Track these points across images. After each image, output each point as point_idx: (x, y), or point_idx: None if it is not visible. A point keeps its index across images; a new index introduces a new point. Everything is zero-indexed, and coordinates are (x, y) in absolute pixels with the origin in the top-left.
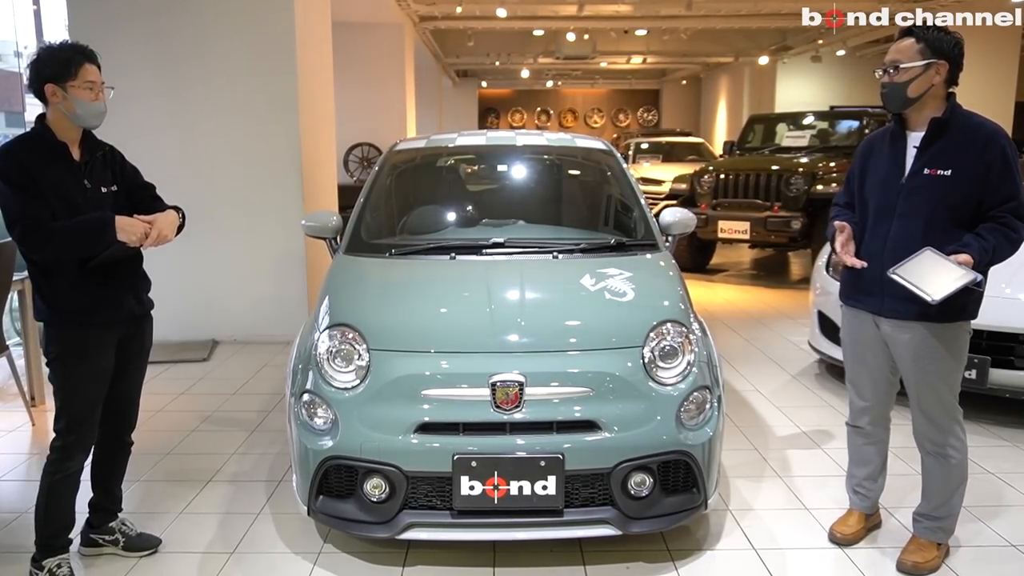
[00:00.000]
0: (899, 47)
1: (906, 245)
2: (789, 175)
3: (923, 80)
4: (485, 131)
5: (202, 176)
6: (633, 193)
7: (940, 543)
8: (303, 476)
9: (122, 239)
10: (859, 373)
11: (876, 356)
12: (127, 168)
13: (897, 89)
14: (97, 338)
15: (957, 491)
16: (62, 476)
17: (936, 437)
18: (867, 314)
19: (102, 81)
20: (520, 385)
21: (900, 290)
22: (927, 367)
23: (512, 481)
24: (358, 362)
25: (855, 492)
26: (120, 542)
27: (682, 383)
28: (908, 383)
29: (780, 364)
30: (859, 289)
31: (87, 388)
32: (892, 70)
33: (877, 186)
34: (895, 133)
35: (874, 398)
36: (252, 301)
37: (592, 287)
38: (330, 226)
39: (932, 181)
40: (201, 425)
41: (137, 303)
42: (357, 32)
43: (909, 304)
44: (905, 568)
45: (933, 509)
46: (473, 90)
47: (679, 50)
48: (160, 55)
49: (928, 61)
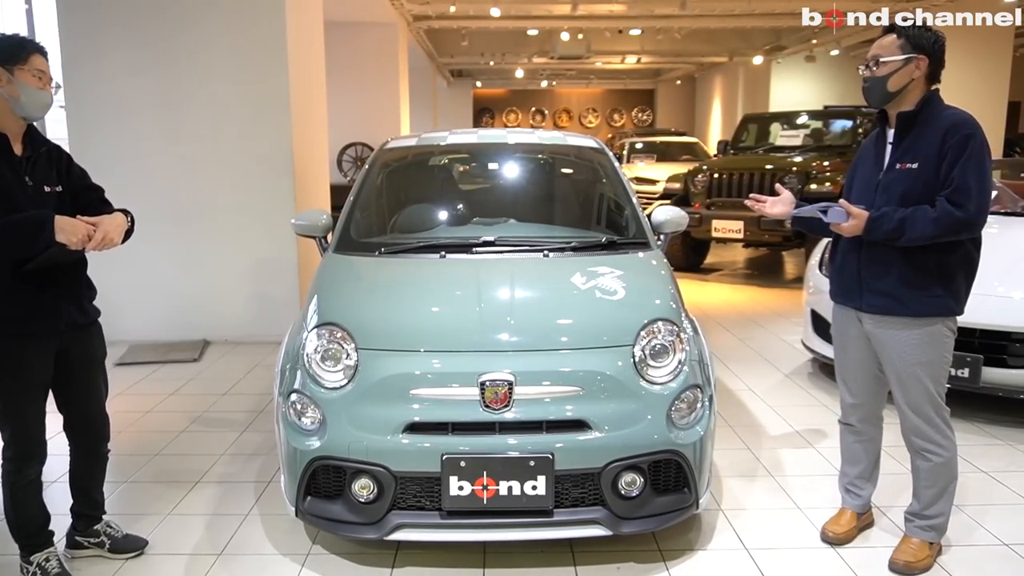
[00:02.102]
0: (881, 43)
1: None
2: (783, 174)
3: (903, 74)
4: (477, 129)
5: (193, 176)
6: (625, 192)
7: (932, 542)
8: (291, 477)
9: (61, 240)
10: (847, 370)
11: (861, 352)
12: (74, 168)
13: (877, 83)
14: (32, 349)
15: (947, 490)
16: (21, 484)
17: (922, 435)
18: (851, 311)
19: (51, 75)
20: (510, 384)
21: (878, 285)
22: (910, 363)
23: (501, 481)
24: (346, 361)
25: (847, 491)
26: (106, 544)
27: (673, 382)
28: (892, 380)
29: (773, 363)
30: (841, 286)
31: (23, 406)
32: (873, 65)
33: (860, 184)
34: (879, 131)
35: (862, 395)
36: (243, 301)
37: (583, 286)
38: (320, 225)
39: (902, 175)
40: (191, 426)
41: (79, 312)
42: (350, 31)
43: (885, 298)
44: (897, 568)
45: (924, 508)
46: (468, 90)
47: (673, 50)
48: (150, 56)
49: (908, 56)
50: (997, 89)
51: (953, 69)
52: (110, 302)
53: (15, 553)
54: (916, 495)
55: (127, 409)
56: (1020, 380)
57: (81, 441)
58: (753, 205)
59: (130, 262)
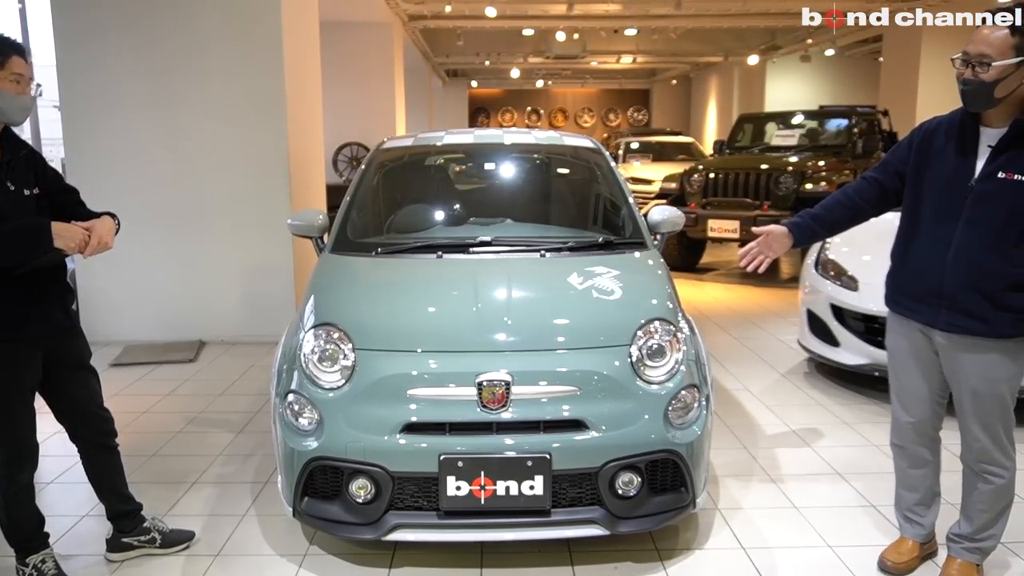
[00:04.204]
0: (989, 39)
1: (973, 254)
2: (778, 174)
3: (1014, 79)
4: (473, 130)
5: (189, 176)
6: (621, 191)
7: (979, 564)
8: (288, 477)
9: (59, 246)
10: (904, 385)
11: (927, 367)
12: (48, 170)
13: (983, 88)
14: (23, 353)
15: (1004, 512)
16: (14, 490)
17: (987, 455)
18: (917, 324)
19: (30, 76)
20: (507, 384)
21: (962, 303)
22: (992, 379)
23: (499, 481)
24: (343, 362)
25: (905, 518)
26: (157, 540)
27: (670, 382)
28: (964, 399)
29: (770, 363)
30: (911, 296)
31: (14, 410)
32: (979, 66)
33: (941, 184)
34: (966, 126)
35: (920, 413)
36: (239, 301)
37: (580, 286)
38: (316, 225)
39: (1008, 186)
40: (187, 427)
41: (65, 315)
42: (346, 31)
43: (971, 320)
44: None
45: (977, 532)
46: (463, 90)
47: (669, 50)
48: (145, 56)
49: (1022, 59)
50: None
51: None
52: (106, 303)
53: (9, 555)
54: (967, 516)
55: (123, 410)
56: None
57: (88, 439)
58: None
59: (125, 263)
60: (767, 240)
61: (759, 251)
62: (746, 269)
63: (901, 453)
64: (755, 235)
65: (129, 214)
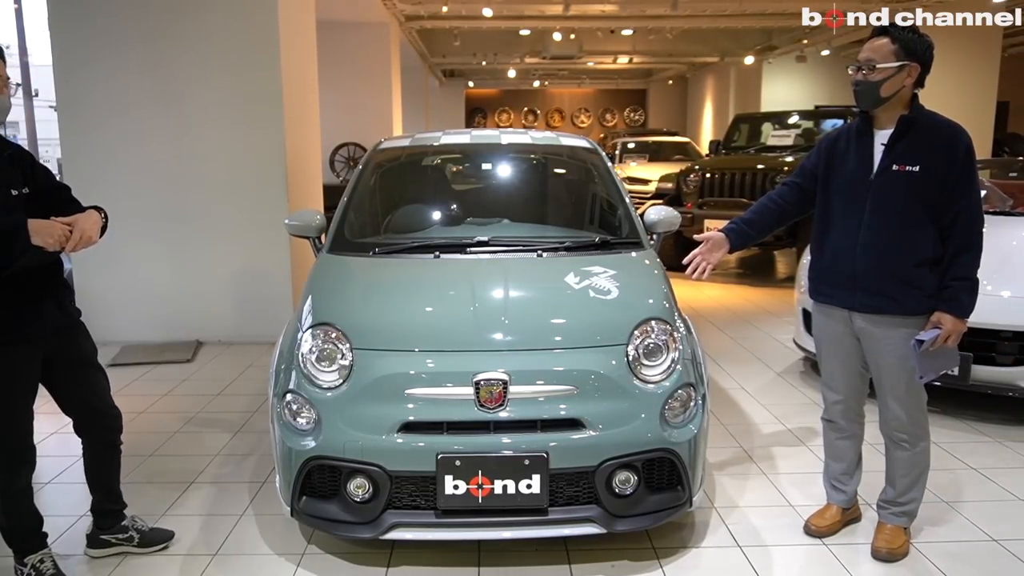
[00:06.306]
0: (873, 46)
1: (879, 240)
2: (775, 174)
3: (895, 81)
4: (470, 130)
5: (186, 176)
6: (618, 191)
7: (906, 527)
8: (286, 477)
9: (38, 243)
10: (831, 368)
11: (846, 350)
12: (38, 169)
13: (870, 87)
14: (20, 356)
15: (922, 476)
16: (12, 492)
17: (903, 426)
18: (839, 309)
19: (7, 77)
20: (504, 384)
21: (874, 285)
22: (903, 356)
23: (496, 480)
24: (341, 361)
25: (832, 487)
26: (134, 539)
27: (666, 381)
28: (881, 375)
29: (765, 362)
30: (829, 284)
31: (12, 413)
32: (866, 68)
33: (845, 183)
34: (861, 131)
35: (846, 392)
36: (236, 301)
37: (576, 285)
38: (313, 225)
39: (901, 177)
40: (184, 426)
41: (61, 314)
42: (342, 31)
43: (881, 298)
44: (881, 555)
45: (899, 496)
46: (460, 90)
47: (665, 50)
48: (142, 56)
49: (902, 63)
50: (986, 89)
51: (943, 69)
52: (103, 303)
53: (8, 555)
54: (891, 483)
55: (121, 410)
56: (1009, 377)
57: (95, 435)
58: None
59: (122, 263)
60: (709, 247)
61: (702, 258)
62: (691, 277)
63: (830, 427)
64: (697, 243)
65: (126, 214)
